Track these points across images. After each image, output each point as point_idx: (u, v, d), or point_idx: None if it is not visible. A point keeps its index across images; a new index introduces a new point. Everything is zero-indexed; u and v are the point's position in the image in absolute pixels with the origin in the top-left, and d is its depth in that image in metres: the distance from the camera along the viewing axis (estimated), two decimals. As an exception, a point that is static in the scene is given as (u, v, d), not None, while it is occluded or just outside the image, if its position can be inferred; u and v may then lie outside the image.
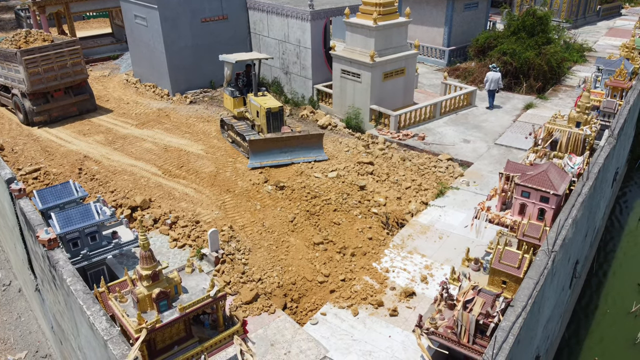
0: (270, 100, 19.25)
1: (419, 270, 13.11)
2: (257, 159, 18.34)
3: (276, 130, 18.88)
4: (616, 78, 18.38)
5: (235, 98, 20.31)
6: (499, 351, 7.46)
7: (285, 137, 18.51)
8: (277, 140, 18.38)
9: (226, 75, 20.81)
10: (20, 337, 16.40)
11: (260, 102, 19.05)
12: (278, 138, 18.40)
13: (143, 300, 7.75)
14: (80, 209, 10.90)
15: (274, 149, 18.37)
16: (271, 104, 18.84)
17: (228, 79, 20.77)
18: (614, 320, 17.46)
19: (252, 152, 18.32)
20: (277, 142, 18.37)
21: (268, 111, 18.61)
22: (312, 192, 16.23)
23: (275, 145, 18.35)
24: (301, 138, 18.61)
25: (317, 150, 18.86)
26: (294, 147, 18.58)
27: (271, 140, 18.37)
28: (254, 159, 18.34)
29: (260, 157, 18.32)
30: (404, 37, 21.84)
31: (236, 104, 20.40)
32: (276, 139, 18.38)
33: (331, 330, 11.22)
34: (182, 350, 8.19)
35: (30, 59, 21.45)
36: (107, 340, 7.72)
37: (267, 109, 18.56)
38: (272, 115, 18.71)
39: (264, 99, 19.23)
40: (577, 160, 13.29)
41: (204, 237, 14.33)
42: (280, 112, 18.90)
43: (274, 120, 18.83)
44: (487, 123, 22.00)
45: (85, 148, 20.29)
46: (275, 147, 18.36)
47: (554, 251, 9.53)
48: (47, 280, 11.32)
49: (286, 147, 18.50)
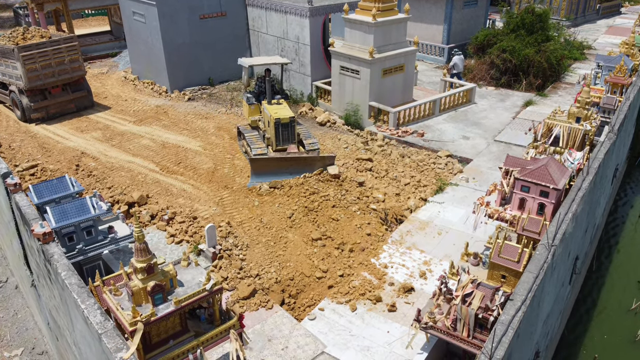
0: (282, 109, 17.49)
1: (418, 266, 13.02)
2: (258, 180, 16.73)
3: (285, 143, 17.17)
4: (616, 74, 18.27)
5: (250, 105, 18.86)
6: (498, 345, 7.37)
7: (291, 157, 16.79)
8: (282, 161, 16.72)
9: (243, 79, 19.88)
10: (17, 334, 16.29)
11: (271, 111, 17.39)
12: (283, 158, 16.73)
13: (138, 293, 7.65)
14: (76, 203, 10.78)
15: (278, 170, 16.71)
16: (282, 114, 17.06)
17: (245, 84, 19.78)
18: (614, 317, 17.36)
19: (254, 171, 16.81)
20: (282, 163, 16.71)
21: (277, 122, 16.92)
22: (311, 189, 16.12)
23: (279, 165, 16.70)
24: (309, 160, 16.83)
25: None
26: (302, 168, 16.86)
27: (275, 160, 16.70)
28: (255, 180, 16.78)
29: (262, 178, 16.71)
30: (403, 33, 21.75)
31: (251, 112, 18.93)
32: (281, 159, 16.71)
33: (329, 326, 11.12)
34: (178, 345, 8.09)
35: (27, 55, 21.35)
36: (102, 334, 7.61)
37: (275, 119, 16.86)
38: (281, 126, 16.99)
39: (277, 108, 17.55)
40: (577, 156, 13.20)
41: (201, 233, 14.24)
42: (290, 123, 17.08)
43: (283, 132, 17.11)
44: (486, 120, 21.92)
45: (82, 144, 20.19)
46: (280, 168, 16.70)
47: (553, 245, 9.44)
48: (42, 275, 11.21)
49: (292, 167, 16.79)
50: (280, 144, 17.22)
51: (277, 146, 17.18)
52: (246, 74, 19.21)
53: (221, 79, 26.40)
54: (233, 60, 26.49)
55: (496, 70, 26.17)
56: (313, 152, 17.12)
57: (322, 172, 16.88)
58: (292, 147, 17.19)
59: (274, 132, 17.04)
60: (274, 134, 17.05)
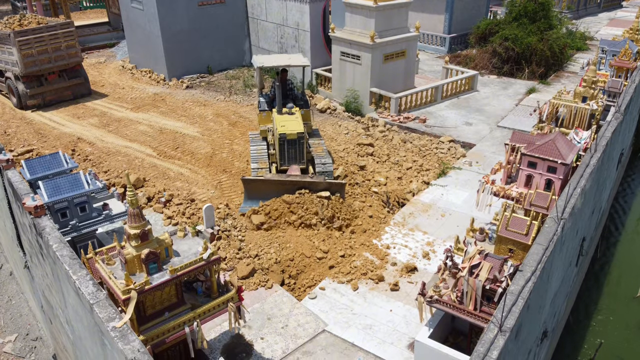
0: (291, 122, 14.58)
1: (421, 247, 12.70)
2: (251, 204, 13.82)
3: (292, 162, 14.43)
4: (621, 58, 18.00)
5: (262, 112, 15.90)
6: (508, 314, 7.05)
7: (292, 180, 13.71)
8: (279, 184, 13.69)
9: (256, 79, 17.50)
10: (11, 320, 15.98)
11: (278, 122, 14.61)
12: (280, 181, 13.72)
13: (131, 261, 7.34)
14: (69, 178, 10.47)
15: (276, 194, 13.66)
16: (289, 128, 14.22)
17: (259, 85, 17.03)
18: (619, 304, 17.09)
19: (247, 194, 13.89)
20: (281, 186, 13.69)
21: (282, 138, 14.15)
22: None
23: (277, 189, 13.66)
24: (313, 186, 13.72)
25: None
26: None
27: (272, 184, 13.62)
28: (248, 204, 13.84)
29: (257, 202, 13.74)
30: (404, 18, 21.44)
31: (262, 119, 15.91)
32: (278, 182, 13.69)
33: (330, 305, 10.80)
34: (173, 317, 7.79)
35: (23, 40, 21.01)
36: (93, 304, 7.27)
37: (280, 134, 14.13)
38: (287, 143, 14.22)
39: (285, 120, 14.69)
40: (584, 135, 12.89)
41: (199, 214, 13.93)
42: (299, 140, 14.22)
43: (289, 150, 14.30)
44: (489, 107, 21.60)
45: (79, 130, 19.87)
46: (279, 192, 13.70)
47: (563, 218, 9.12)
48: (35, 253, 10.89)
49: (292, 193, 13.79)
50: (286, 164, 14.47)
51: (281, 166, 14.53)
52: (258, 73, 16.83)
53: (220, 67, 26.07)
54: (232, 48, 26.27)
55: (498, 59, 25.86)
56: (320, 176, 14.00)
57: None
58: (295, 168, 14.31)
59: (278, 150, 14.46)
60: (279, 152, 14.44)
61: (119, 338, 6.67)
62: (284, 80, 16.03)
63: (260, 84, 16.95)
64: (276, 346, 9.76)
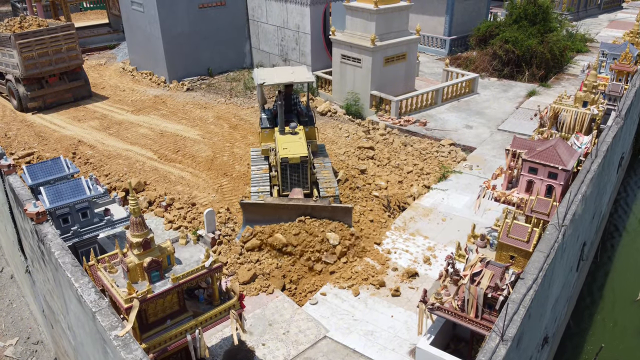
0: (294, 144, 13.49)
1: (422, 252, 12.71)
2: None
3: (295, 187, 13.48)
4: (621, 62, 18.00)
5: (264, 129, 14.89)
6: (509, 323, 7.07)
7: (292, 205, 12.75)
8: (280, 209, 12.72)
9: (258, 96, 16.17)
10: (12, 323, 15.98)
11: (280, 144, 13.55)
12: (282, 205, 12.73)
13: (134, 269, 7.34)
14: (70, 184, 10.46)
15: (277, 219, 12.75)
16: (292, 151, 13.18)
17: (260, 101, 15.85)
18: (619, 308, 17.09)
19: (246, 219, 12.94)
20: (281, 211, 12.75)
21: (284, 162, 13.12)
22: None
23: (278, 213, 12.72)
24: (316, 210, 12.76)
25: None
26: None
27: (273, 208, 12.69)
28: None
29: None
30: (405, 21, 21.44)
31: (264, 138, 14.89)
32: (279, 207, 12.72)
33: (331, 310, 10.81)
34: (175, 324, 7.79)
35: (24, 43, 21.02)
36: (96, 312, 7.30)
37: (282, 158, 13.09)
38: (289, 167, 13.21)
39: (288, 141, 13.60)
40: (584, 140, 12.89)
41: (200, 219, 13.93)
42: (302, 164, 13.20)
43: (292, 175, 13.29)
44: (489, 110, 21.61)
45: (79, 133, 19.87)
46: (280, 216, 12.76)
47: (564, 225, 9.14)
48: (36, 258, 10.90)
49: (297, 217, 12.80)
50: (288, 189, 13.48)
51: (283, 191, 13.54)
52: (260, 90, 15.67)
53: (220, 69, 26.07)
54: (232, 50, 26.28)
55: (498, 62, 25.86)
56: (324, 200, 12.93)
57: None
58: (297, 191, 13.28)
59: (280, 174, 13.42)
60: (280, 177, 13.42)
61: (121, 347, 6.69)
62: (289, 95, 15.28)
63: (262, 100, 15.80)
64: (277, 352, 9.77)
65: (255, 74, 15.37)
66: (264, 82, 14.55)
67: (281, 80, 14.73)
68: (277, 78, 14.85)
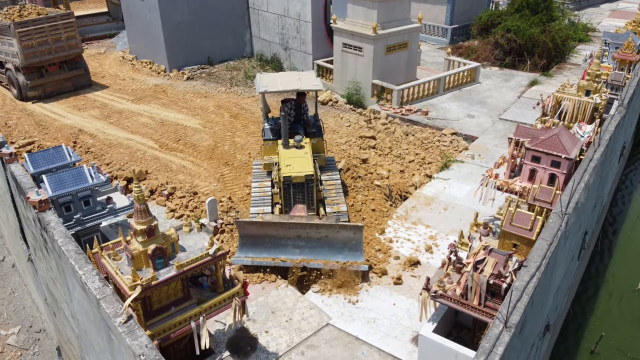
0: (299, 160, 12.17)
1: (424, 241, 12.73)
2: (247, 252, 11.53)
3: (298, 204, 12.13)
4: (624, 51, 17.93)
5: (266, 142, 13.65)
6: (513, 310, 7.09)
7: (294, 223, 11.28)
8: (281, 227, 11.31)
9: (261, 105, 14.79)
10: (14, 312, 16.02)
11: (283, 160, 12.27)
12: (283, 224, 11.30)
13: (138, 256, 7.35)
14: (72, 172, 10.44)
15: (278, 240, 11.44)
16: (295, 169, 11.90)
17: (264, 109, 14.51)
18: (620, 297, 17.16)
19: (242, 240, 11.54)
20: (281, 231, 11.38)
21: (287, 181, 11.89)
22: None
23: (279, 234, 11.39)
24: (322, 229, 11.24)
25: (351, 250, 11.33)
26: (314, 240, 11.37)
27: (273, 226, 11.31)
28: (243, 252, 11.54)
29: (254, 250, 11.48)
30: (406, 10, 21.32)
31: (266, 150, 13.66)
32: (279, 225, 11.30)
33: (334, 298, 10.84)
34: (180, 312, 7.81)
35: (24, 31, 20.89)
36: (100, 299, 7.31)
37: (284, 177, 11.87)
38: (292, 187, 11.92)
39: (291, 157, 12.30)
40: (587, 129, 12.87)
41: (202, 207, 13.93)
42: (307, 183, 11.91)
43: (295, 195, 12.01)
44: (491, 99, 21.55)
45: (80, 122, 19.82)
46: (281, 237, 11.43)
47: (567, 214, 9.14)
48: (39, 247, 10.91)
49: (300, 238, 11.39)
50: (290, 209, 12.16)
51: (286, 212, 12.26)
52: (263, 98, 14.41)
53: (221, 58, 25.95)
54: (233, 38, 26.14)
55: (500, 51, 25.76)
56: (330, 217, 11.40)
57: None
58: (300, 207, 11.90)
59: (282, 194, 12.20)
60: (283, 197, 12.21)
61: (126, 334, 6.71)
62: (300, 104, 14.03)
63: (265, 108, 14.50)
64: (280, 340, 9.81)
65: (257, 80, 14.06)
66: (267, 89, 13.36)
67: (285, 88, 13.45)
68: (281, 85, 13.57)
